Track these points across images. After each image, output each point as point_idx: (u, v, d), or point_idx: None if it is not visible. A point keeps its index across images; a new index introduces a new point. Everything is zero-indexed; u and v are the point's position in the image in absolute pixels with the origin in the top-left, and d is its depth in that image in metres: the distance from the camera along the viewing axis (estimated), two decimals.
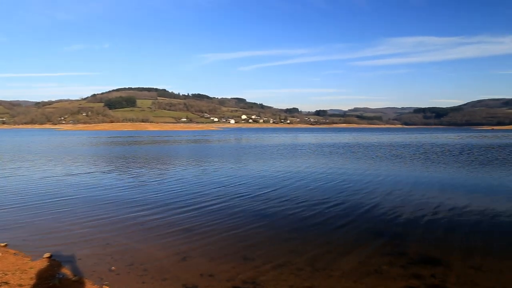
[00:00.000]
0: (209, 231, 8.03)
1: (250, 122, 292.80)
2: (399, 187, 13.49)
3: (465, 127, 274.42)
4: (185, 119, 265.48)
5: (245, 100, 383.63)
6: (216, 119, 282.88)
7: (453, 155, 26.78)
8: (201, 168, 19.60)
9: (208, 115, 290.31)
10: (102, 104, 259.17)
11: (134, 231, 8.11)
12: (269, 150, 33.66)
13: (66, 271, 5.85)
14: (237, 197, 11.72)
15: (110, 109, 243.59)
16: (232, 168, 19.55)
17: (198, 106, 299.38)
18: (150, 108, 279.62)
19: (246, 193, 12.32)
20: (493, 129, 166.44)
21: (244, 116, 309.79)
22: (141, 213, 9.66)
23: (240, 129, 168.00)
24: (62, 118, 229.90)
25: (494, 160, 22.85)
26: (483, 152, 29.37)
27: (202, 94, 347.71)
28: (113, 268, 6.00)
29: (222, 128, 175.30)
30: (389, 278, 5.61)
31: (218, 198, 11.51)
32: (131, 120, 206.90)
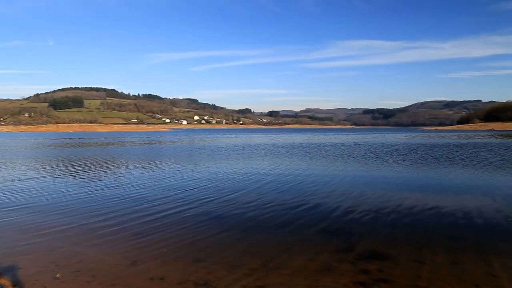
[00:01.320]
0: (161, 235, 7.87)
1: (202, 123, 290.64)
2: (350, 186, 13.92)
3: (411, 127, 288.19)
4: (136, 120, 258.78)
5: (197, 100, 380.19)
6: (168, 120, 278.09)
7: (402, 154, 28.04)
8: (157, 170, 19.19)
9: (160, 116, 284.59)
10: (47, 104, 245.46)
11: (83, 237, 7.77)
12: (225, 151, 33.55)
13: (5, 281, 5.50)
14: (191, 200, 11.60)
15: (55, 109, 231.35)
16: (187, 170, 19.30)
17: (149, 107, 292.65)
18: (99, 108, 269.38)
19: (200, 196, 12.22)
20: (436, 129, 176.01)
21: (196, 117, 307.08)
22: (93, 219, 9.25)
23: (193, 130, 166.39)
24: (1, 119, 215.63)
25: (439, 159, 24.17)
26: (429, 151, 30.97)
27: (153, 95, 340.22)
28: (58, 275, 5.72)
29: (174, 129, 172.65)
30: (338, 274, 5.77)
31: (171, 202, 11.34)
32: (78, 121, 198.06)
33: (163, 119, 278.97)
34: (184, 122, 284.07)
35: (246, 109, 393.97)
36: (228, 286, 5.37)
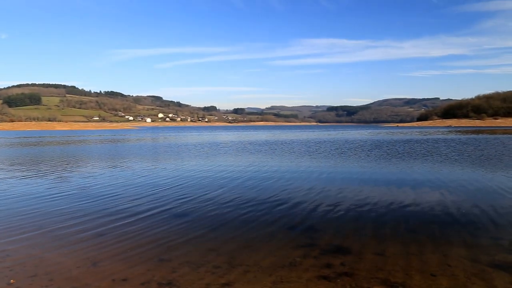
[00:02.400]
0: (123, 235, 7.70)
1: (167, 121, 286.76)
2: (315, 182, 14.13)
3: (373, 124, 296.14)
4: (98, 118, 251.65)
5: (161, 98, 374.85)
6: (131, 118, 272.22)
7: (366, 150, 28.73)
8: (125, 169, 18.73)
9: (123, 114, 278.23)
10: (0, 101, 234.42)
11: (41, 240, 7.45)
12: (192, 148, 33.18)
13: None
14: (155, 199, 11.40)
15: (10, 107, 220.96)
16: (147, 168, 18.96)
17: (112, 104, 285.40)
18: (58, 106, 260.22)
19: (165, 195, 12.03)
20: (397, 126, 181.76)
21: (161, 115, 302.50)
22: (53, 221, 8.89)
23: (157, 128, 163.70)
24: None
25: (402, 154, 24.96)
26: (391, 147, 31.93)
27: (115, 92, 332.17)
28: (12, 281, 5.47)
29: (138, 127, 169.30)
30: (302, 269, 5.86)
31: (136, 201, 11.09)
32: (36, 119, 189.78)
33: (126, 116, 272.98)
34: (148, 119, 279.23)
35: (212, 106, 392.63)
36: (192, 285, 5.33)
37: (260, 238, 7.45)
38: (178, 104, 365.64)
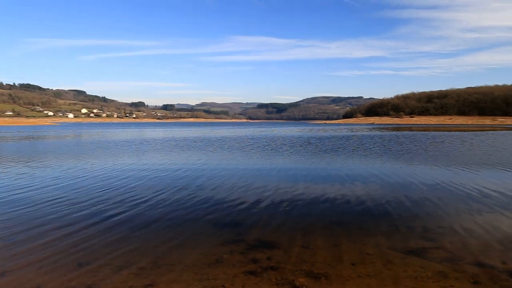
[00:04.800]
0: (40, 241, 7.09)
1: (91, 117, 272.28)
2: (245, 178, 14.20)
3: (302, 121, 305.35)
4: (11, 113, 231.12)
5: (85, 92, 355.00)
6: (51, 113, 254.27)
7: (297, 146, 29.46)
8: (44, 169, 17.36)
9: (41, 109, 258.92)
10: None
11: None
12: (119, 145, 31.70)
13: None
14: (73, 201, 10.72)
15: None
16: (66, 168, 17.81)
17: (28, 98, 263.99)
18: None
19: (83, 195, 11.37)
20: (325, 123, 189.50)
21: (84, 110, 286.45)
22: None
23: (80, 124, 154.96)
24: None
25: (332, 150, 25.96)
26: (320, 143, 33.10)
27: (32, 85, 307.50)
28: None
29: (59, 123, 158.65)
30: (229, 266, 5.84)
31: (50, 204, 10.32)
32: None
33: (46, 112, 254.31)
34: (71, 115, 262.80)
35: (140, 102, 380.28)
36: None
37: (186, 237, 7.31)
38: (104, 99, 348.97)
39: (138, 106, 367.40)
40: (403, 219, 8.53)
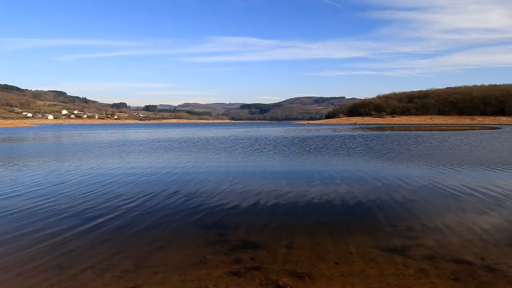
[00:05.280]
0: (20, 243, 6.95)
1: (72, 118, 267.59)
2: (229, 178, 14.16)
3: (285, 121, 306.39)
4: None
5: (65, 93, 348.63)
6: (30, 115, 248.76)
7: (279, 147, 29.52)
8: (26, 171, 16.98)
9: (20, 110, 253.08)
10: None
11: None
12: (102, 147, 31.25)
13: None
14: (54, 202, 10.52)
15: None
16: (47, 169, 17.48)
17: (6, 99, 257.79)
18: None
19: (64, 198, 11.16)
20: (308, 123, 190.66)
21: (64, 111, 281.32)
22: None
23: (61, 126, 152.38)
24: None
25: (314, 150, 26.10)
26: (303, 143, 33.27)
27: (10, 85, 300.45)
28: None
29: (38, 125, 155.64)
30: (213, 267, 5.82)
31: (29, 205, 10.11)
32: None
33: (24, 113, 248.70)
34: (50, 116, 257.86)
35: (121, 103, 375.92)
36: None
37: (170, 238, 7.25)
38: (84, 100, 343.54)
39: (120, 107, 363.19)
40: (385, 217, 8.63)
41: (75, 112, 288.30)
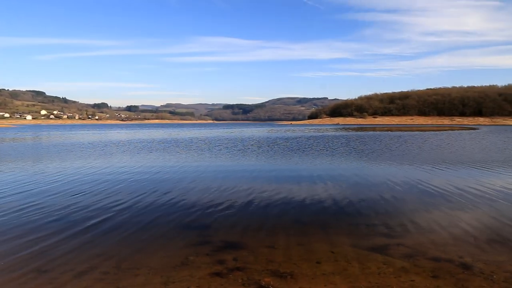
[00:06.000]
0: None
1: (51, 118, 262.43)
2: (212, 179, 14.11)
3: (268, 122, 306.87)
4: None
5: (44, 93, 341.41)
6: (7, 115, 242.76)
7: (263, 147, 29.54)
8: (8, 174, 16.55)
9: None
10: None
11: None
12: (83, 148, 30.71)
13: None
14: (33, 207, 10.30)
15: None
16: (25, 173, 17.12)
17: None
18: None
19: (42, 201, 10.94)
20: (291, 123, 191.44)
21: (43, 112, 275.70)
22: None
23: (40, 126, 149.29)
24: None
25: (297, 151, 26.19)
26: (287, 143, 33.34)
27: None
28: None
29: (16, 125, 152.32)
30: (195, 268, 5.79)
31: (8, 211, 9.88)
32: None
33: (1, 113, 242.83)
34: (29, 117, 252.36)
35: (103, 103, 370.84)
36: None
37: (152, 240, 7.19)
38: (64, 100, 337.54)
39: (101, 107, 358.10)
40: (366, 217, 8.74)
41: (55, 112, 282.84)
